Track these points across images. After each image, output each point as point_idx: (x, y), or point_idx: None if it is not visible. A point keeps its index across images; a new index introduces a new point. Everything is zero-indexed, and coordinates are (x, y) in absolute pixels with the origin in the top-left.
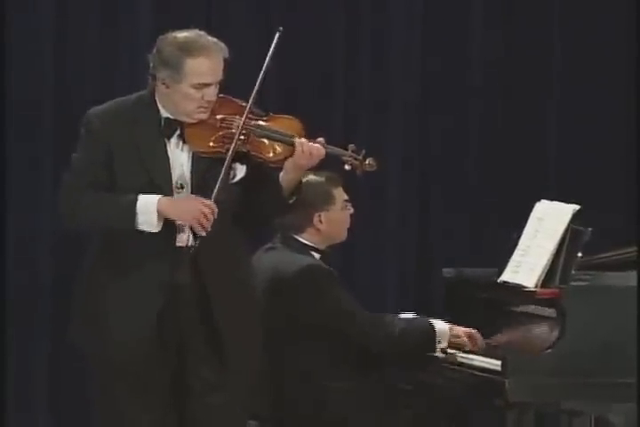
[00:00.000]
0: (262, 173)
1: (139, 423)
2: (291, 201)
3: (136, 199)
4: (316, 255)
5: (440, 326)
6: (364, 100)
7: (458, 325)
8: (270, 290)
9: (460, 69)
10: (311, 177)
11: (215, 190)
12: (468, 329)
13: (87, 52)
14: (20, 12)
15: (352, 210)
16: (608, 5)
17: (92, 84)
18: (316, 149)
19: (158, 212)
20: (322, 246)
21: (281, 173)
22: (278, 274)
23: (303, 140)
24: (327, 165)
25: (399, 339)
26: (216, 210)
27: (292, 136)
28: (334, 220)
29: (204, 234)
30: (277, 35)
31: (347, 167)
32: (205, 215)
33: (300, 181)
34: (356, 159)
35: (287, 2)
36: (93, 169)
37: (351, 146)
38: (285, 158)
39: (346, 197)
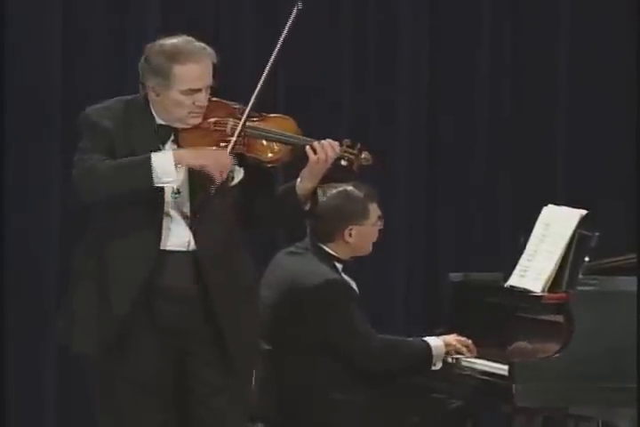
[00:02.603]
0: (261, 175)
1: (142, 425)
2: (307, 208)
3: (149, 155)
4: (339, 265)
5: (437, 351)
6: (370, 100)
7: (464, 329)
8: (287, 299)
9: (468, 73)
10: (350, 189)
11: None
12: (461, 338)
13: (95, 52)
14: (26, 11)
15: (382, 226)
16: (618, 7)
17: (99, 84)
18: (332, 144)
19: (175, 160)
20: (345, 257)
21: (297, 181)
22: (297, 284)
23: (323, 142)
24: None
25: (395, 363)
26: (232, 161)
27: (309, 140)
28: (364, 234)
29: (219, 181)
30: (296, 9)
31: (343, 163)
32: (226, 163)
33: (316, 188)
34: (351, 154)
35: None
36: (103, 151)
37: (346, 141)
38: (282, 157)
39: (379, 213)
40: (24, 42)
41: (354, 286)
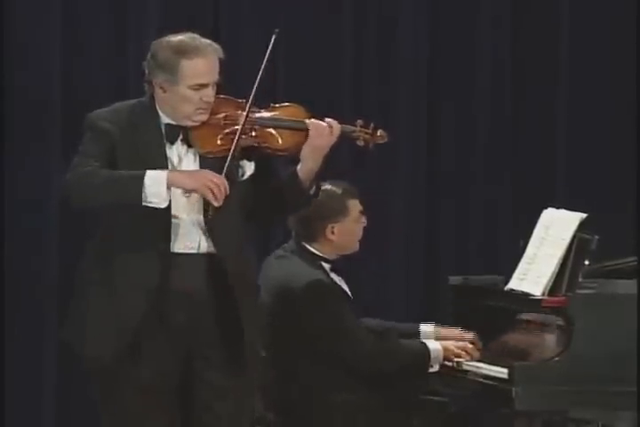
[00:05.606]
0: (271, 168)
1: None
2: (311, 192)
3: (144, 173)
4: (326, 265)
5: (435, 354)
6: (370, 100)
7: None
8: (277, 302)
9: (468, 73)
10: (328, 187)
11: (225, 168)
12: (461, 344)
13: (95, 52)
14: (26, 11)
15: (365, 222)
16: (618, 4)
17: (99, 84)
18: (331, 123)
19: (168, 182)
20: (332, 257)
21: (298, 166)
22: (286, 287)
23: (313, 120)
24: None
25: (393, 365)
26: (227, 185)
27: (301, 121)
28: (346, 231)
29: (216, 204)
30: (274, 36)
31: (359, 143)
32: (217, 185)
33: (319, 171)
34: (367, 133)
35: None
36: (102, 155)
37: (359, 121)
38: (296, 145)
39: (360, 208)
40: (24, 42)
41: (344, 285)
